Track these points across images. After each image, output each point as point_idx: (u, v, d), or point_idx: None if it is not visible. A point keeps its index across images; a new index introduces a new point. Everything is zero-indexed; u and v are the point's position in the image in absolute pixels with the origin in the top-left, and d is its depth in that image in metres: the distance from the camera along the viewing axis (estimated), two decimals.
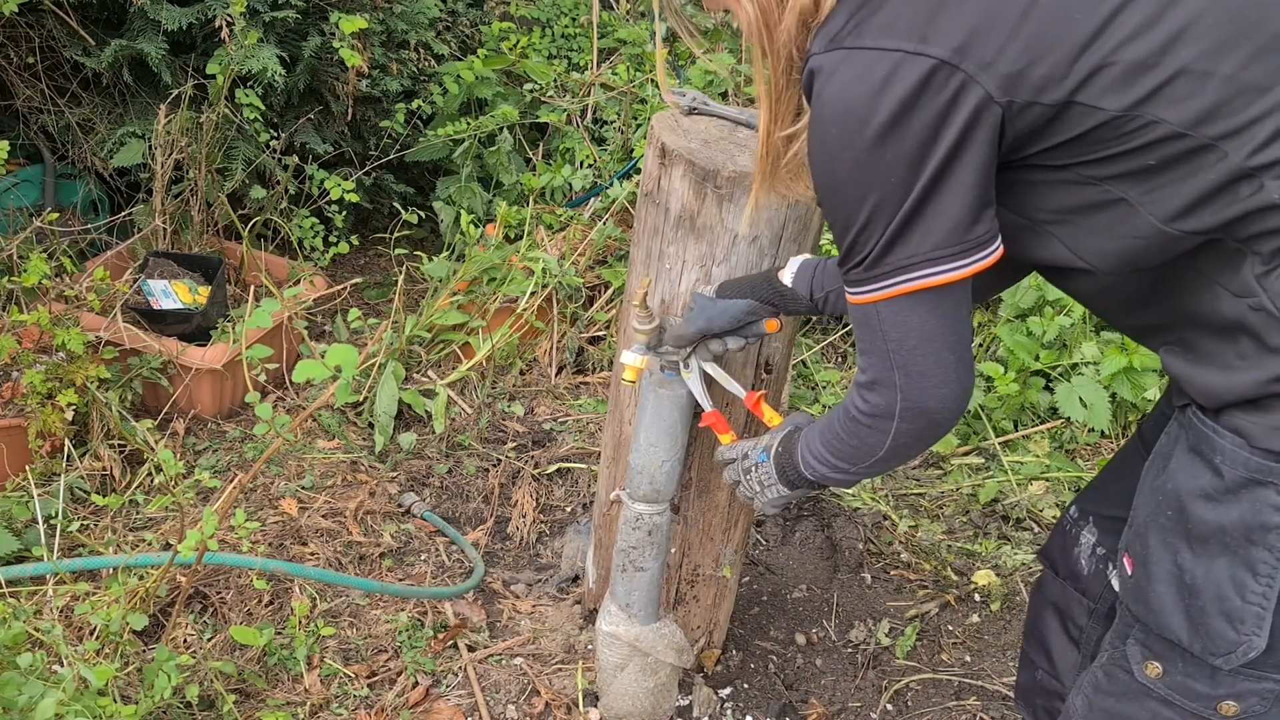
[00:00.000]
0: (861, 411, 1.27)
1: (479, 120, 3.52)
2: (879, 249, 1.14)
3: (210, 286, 2.94)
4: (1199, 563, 1.15)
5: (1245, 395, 1.11)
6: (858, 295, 1.19)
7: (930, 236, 1.12)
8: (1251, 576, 1.12)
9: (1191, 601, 1.17)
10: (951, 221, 1.11)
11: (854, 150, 1.11)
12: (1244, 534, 1.11)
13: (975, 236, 1.13)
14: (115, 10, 3.08)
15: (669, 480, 1.77)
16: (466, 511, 2.65)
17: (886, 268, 1.15)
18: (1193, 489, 1.16)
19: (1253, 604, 1.12)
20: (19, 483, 2.40)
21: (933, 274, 1.13)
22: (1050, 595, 1.72)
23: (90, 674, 1.62)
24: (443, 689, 2.12)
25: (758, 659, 2.28)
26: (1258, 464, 1.09)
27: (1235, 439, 1.11)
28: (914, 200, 1.11)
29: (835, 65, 1.11)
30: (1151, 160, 1.08)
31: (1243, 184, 1.06)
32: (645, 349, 1.67)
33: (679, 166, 1.65)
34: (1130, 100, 1.05)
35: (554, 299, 3.10)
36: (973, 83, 1.06)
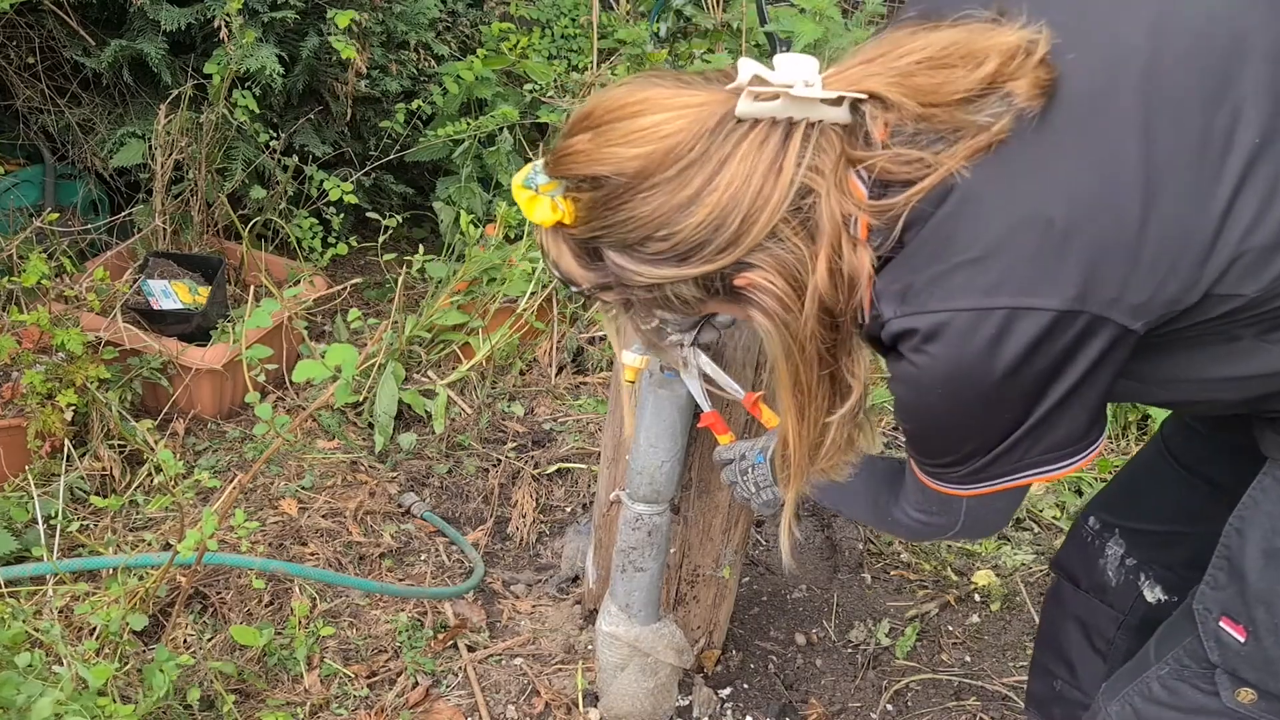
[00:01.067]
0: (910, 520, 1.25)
1: (479, 120, 3.52)
2: (981, 465, 1.09)
3: (210, 287, 2.94)
4: None
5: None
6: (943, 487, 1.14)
7: (1040, 446, 1.06)
8: None
9: None
10: (1068, 433, 1.06)
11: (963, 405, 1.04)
12: None
13: (1089, 440, 1.09)
14: (115, 10, 3.08)
15: (669, 481, 1.77)
16: (466, 512, 2.65)
17: (985, 476, 1.10)
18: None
19: None
20: (18, 483, 2.39)
21: (1036, 474, 1.09)
22: (1072, 609, 1.68)
23: (89, 674, 1.62)
24: (443, 689, 2.12)
25: (758, 659, 2.28)
26: None
27: None
28: (1031, 424, 1.04)
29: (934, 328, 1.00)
30: None
31: None
32: (645, 349, 1.67)
33: None
34: (1267, 280, 0.99)
35: (554, 299, 3.10)
36: (1102, 320, 0.98)
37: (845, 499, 1.37)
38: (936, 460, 1.13)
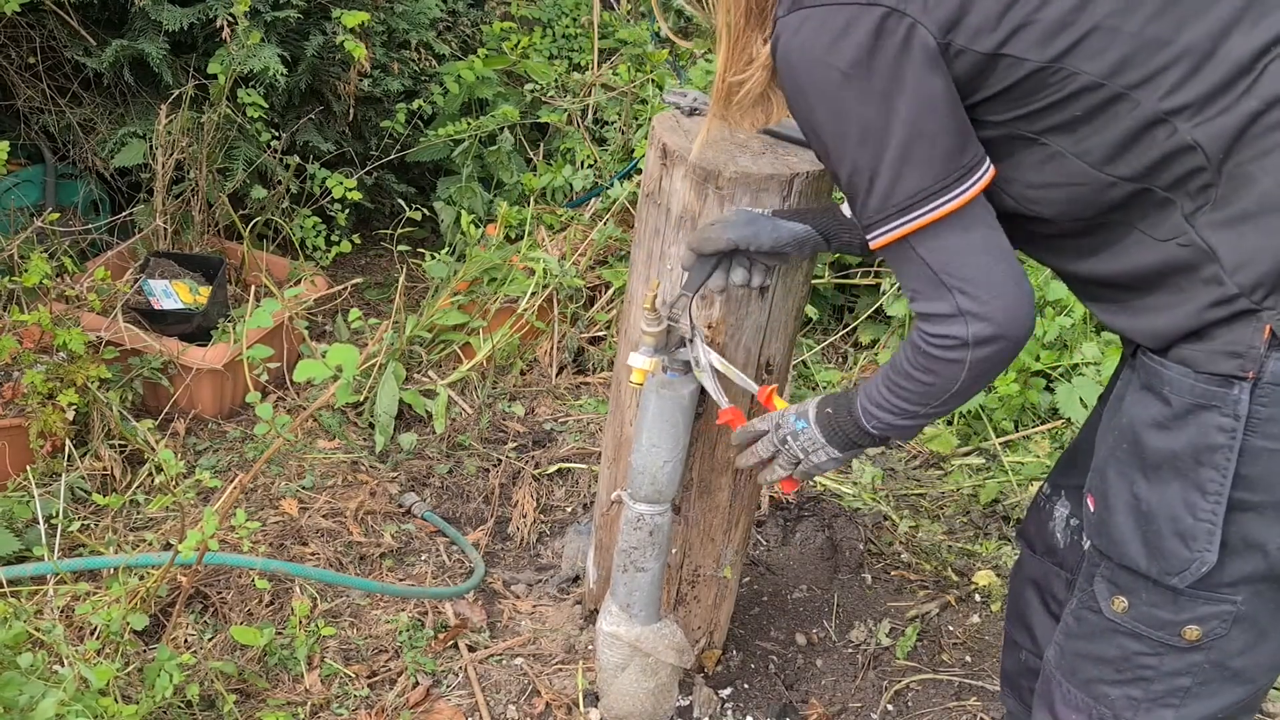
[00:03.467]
0: (932, 345, 1.28)
1: (480, 120, 3.52)
2: (884, 190, 1.23)
3: (211, 286, 2.94)
4: (1153, 490, 1.23)
5: (1187, 328, 1.20)
6: (882, 237, 1.26)
7: (928, 169, 1.21)
8: (1201, 496, 1.19)
9: (1148, 527, 1.24)
10: (942, 152, 1.21)
11: (827, 94, 1.22)
12: (1193, 456, 1.19)
13: (967, 161, 1.22)
14: (116, 10, 3.08)
15: (670, 481, 1.78)
16: (467, 512, 2.65)
17: (897, 207, 1.23)
18: (1145, 419, 1.24)
19: (1203, 521, 1.20)
20: (20, 482, 2.40)
21: (944, 203, 1.22)
22: (1029, 573, 1.75)
23: (91, 674, 1.62)
24: (443, 689, 2.12)
25: (758, 659, 2.28)
26: (1202, 389, 1.18)
27: (1181, 369, 1.20)
28: (900, 141, 1.20)
29: (799, 23, 1.22)
30: (1077, 111, 1.18)
31: (1158, 128, 1.16)
32: (653, 351, 1.67)
33: (680, 167, 1.65)
34: (1052, 53, 1.16)
35: (554, 299, 3.10)
36: (917, 25, 1.17)
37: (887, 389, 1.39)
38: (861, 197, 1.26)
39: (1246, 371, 1.15)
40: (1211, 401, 1.17)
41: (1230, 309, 1.17)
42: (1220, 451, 1.17)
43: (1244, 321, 1.16)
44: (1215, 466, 1.18)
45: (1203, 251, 1.18)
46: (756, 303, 1.72)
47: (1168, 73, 1.15)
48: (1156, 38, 1.15)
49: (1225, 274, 1.16)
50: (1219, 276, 1.17)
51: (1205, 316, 1.18)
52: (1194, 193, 1.18)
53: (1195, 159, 1.16)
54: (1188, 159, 1.16)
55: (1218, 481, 1.18)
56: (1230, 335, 1.17)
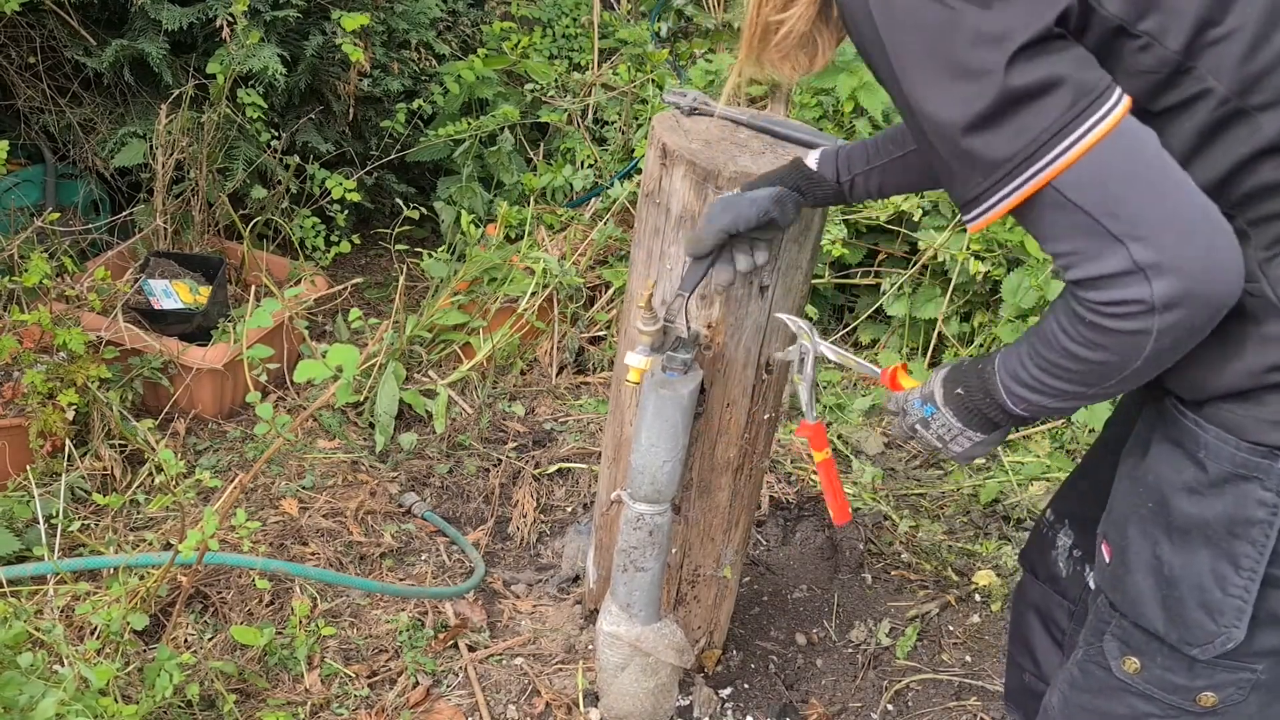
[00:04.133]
0: (1103, 314, 1.01)
1: (480, 120, 3.52)
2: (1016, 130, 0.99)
3: (211, 286, 2.94)
4: (1179, 554, 1.15)
5: (1236, 387, 1.09)
6: (1020, 190, 1.02)
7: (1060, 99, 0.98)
8: (1234, 570, 1.11)
9: (1169, 592, 1.16)
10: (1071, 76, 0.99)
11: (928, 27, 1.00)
12: (1227, 528, 1.11)
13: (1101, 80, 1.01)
14: (116, 10, 3.08)
15: (670, 480, 1.77)
16: (467, 511, 2.65)
17: (1036, 144, 0.99)
18: (1174, 482, 1.14)
19: (1234, 596, 1.12)
20: (20, 482, 2.40)
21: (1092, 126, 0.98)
22: (1031, 598, 1.72)
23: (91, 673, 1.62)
24: (443, 689, 2.12)
25: (758, 659, 2.28)
26: (1244, 459, 1.08)
27: (1220, 433, 1.09)
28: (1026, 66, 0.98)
29: None
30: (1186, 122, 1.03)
31: (1267, 159, 1.02)
32: (650, 350, 1.67)
33: (680, 167, 1.65)
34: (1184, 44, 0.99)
35: (555, 299, 3.10)
36: None
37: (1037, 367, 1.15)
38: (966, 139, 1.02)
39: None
40: (1254, 473, 1.07)
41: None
42: (1259, 526, 1.08)
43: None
44: (1252, 541, 1.09)
45: (1271, 304, 1.05)
46: (756, 302, 1.72)
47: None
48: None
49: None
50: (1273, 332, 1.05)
51: (1263, 379, 1.07)
52: (1271, 241, 1.05)
53: None
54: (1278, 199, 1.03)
55: (1253, 558, 1.09)
56: None
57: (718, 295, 1.71)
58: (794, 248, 1.69)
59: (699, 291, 1.70)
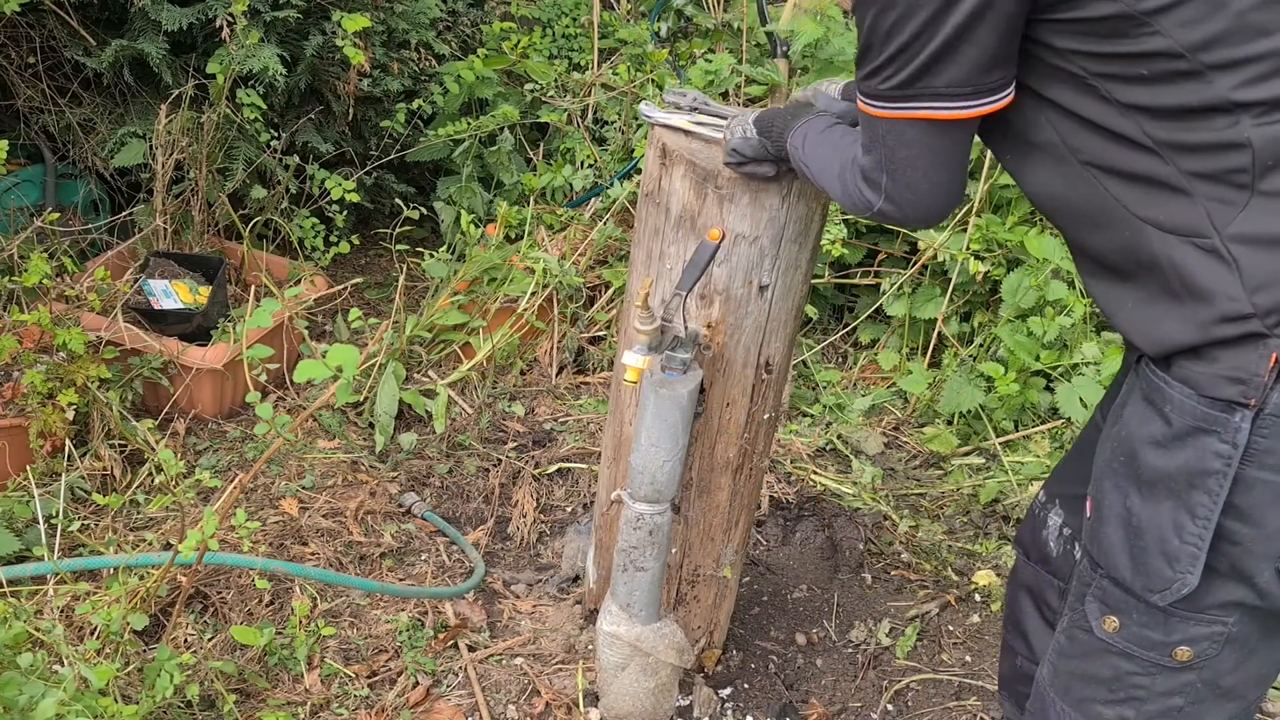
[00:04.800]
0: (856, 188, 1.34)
1: (479, 120, 3.52)
2: (904, 77, 1.19)
3: (211, 286, 2.94)
4: (1146, 506, 1.21)
5: (1188, 341, 1.16)
6: (871, 107, 1.26)
7: (948, 73, 1.17)
8: (1190, 519, 1.17)
9: (1136, 542, 1.23)
10: (971, 64, 1.16)
11: None
12: (1186, 479, 1.16)
13: (989, 82, 1.18)
14: (116, 10, 3.08)
15: (670, 480, 1.77)
16: (467, 511, 2.65)
17: (902, 90, 1.20)
18: (1143, 436, 1.21)
19: (1189, 544, 1.18)
20: (20, 482, 2.40)
21: (941, 108, 1.20)
22: (1023, 579, 1.75)
23: (91, 674, 1.62)
24: (443, 689, 2.12)
25: (758, 659, 2.28)
26: (1203, 413, 1.14)
27: (1184, 389, 1.16)
28: (945, 37, 1.14)
29: None
30: (1143, 70, 1.11)
31: (1219, 116, 1.10)
32: (647, 350, 1.67)
33: (680, 167, 1.65)
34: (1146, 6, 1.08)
35: (554, 299, 3.10)
36: None
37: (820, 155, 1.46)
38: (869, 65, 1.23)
39: (1249, 399, 1.11)
40: (1212, 426, 1.14)
41: (1239, 329, 1.12)
42: (1214, 477, 1.14)
43: (1250, 345, 1.12)
44: (1207, 491, 1.15)
45: (1224, 260, 1.12)
46: (756, 302, 1.72)
47: (1255, 64, 1.08)
48: (1257, 24, 1.07)
49: (1244, 290, 1.11)
50: (1233, 291, 1.11)
51: (1211, 332, 1.14)
52: (1222, 191, 1.12)
53: (1241, 158, 1.10)
54: (1233, 156, 1.10)
55: (1207, 507, 1.15)
56: (1235, 359, 1.12)
57: (717, 295, 1.71)
58: (794, 248, 1.69)
59: (698, 291, 1.70)
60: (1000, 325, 3.01)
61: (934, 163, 1.25)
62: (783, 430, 2.95)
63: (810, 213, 1.68)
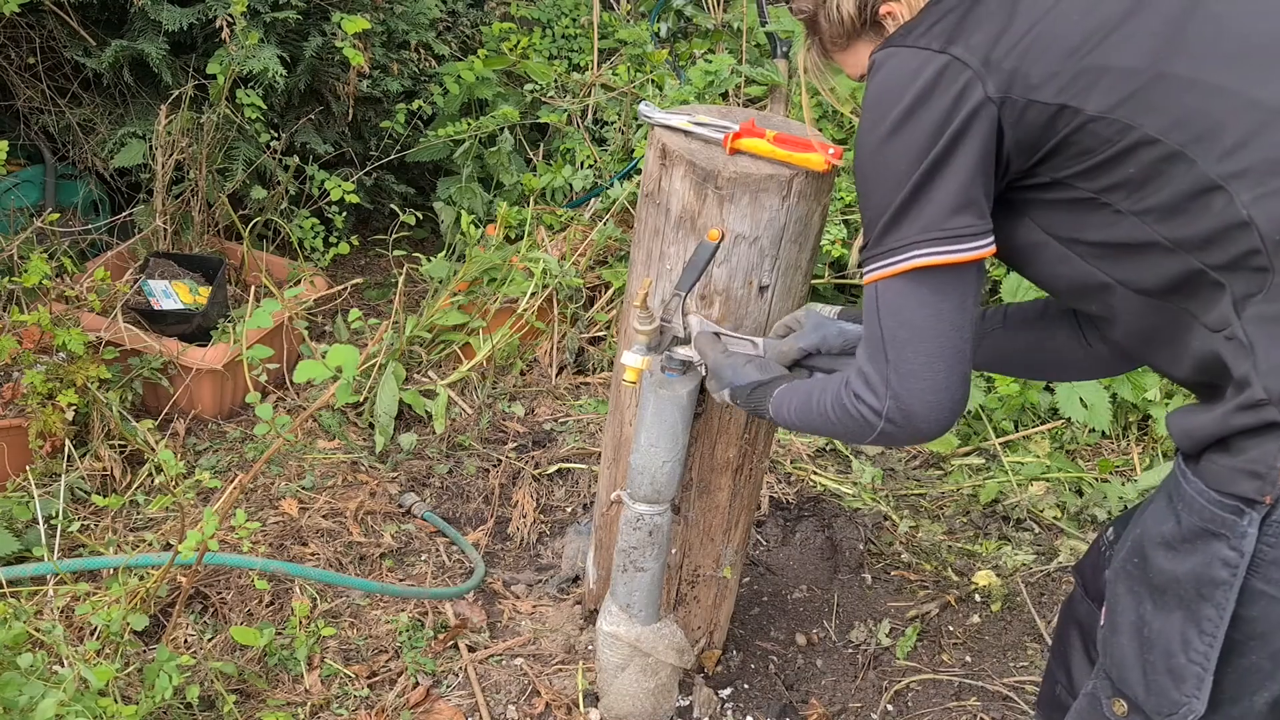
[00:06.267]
0: (854, 405, 1.31)
1: (479, 121, 3.52)
2: (880, 229, 1.25)
3: (211, 287, 2.94)
4: (1159, 615, 1.15)
5: (1214, 433, 1.10)
6: (866, 274, 1.29)
7: (919, 221, 1.21)
8: (1197, 634, 1.10)
9: (1147, 656, 1.17)
10: (938, 208, 1.21)
11: (877, 134, 1.23)
12: (1195, 587, 1.10)
13: (956, 226, 1.20)
14: (116, 11, 3.08)
15: (670, 481, 1.77)
16: (467, 512, 2.65)
17: (884, 248, 1.24)
18: (1155, 536, 1.16)
19: (1195, 663, 1.11)
20: (19, 483, 2.40)
21: (918, 255, 1.21)
22: (1077, 614, 1.70)
23: (91, 674, 1.62)
24: (443, 689, 2.12)
25: (758, 659, 2.28)
26: (1212, 513, 1.08)
27: (1199, 484, 1.10)
28: (912, 186, 1.21)
29: (885, 59, 1.26)
30: (1132, 169, 1.13)
31: (1214, 196, 1.09)
32: (646, 350, 1.67)
33: (680, 167, 1.65)
34: (1109, 103, 1.13)
35: (554, 299, 3.10)
36: (976, 80, 1.18)
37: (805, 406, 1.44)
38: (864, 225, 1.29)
39: (1264, 495, 1.04)
40: (1220, 529, 1.07)
41: (1256, 417, 1.06)
42: (1221, 588, 1.08)
43: (1270, 436, 1.05)
44: (1215, 603, 1.08)
45: (1242, 346, 1.09)
46: (756, 302, 1.72)
47: (1227, 131, 1.07)
48: (1221, 88, 1.08)
49: (1256, 375, 1.06)
50: (1249, 377, 1.07)
51: (1230, 422, 1.08)
52: (1247, 278, 1.09)
53: (1250, 238, 1.07)
54: (1242, 238, 1.07)
55: (1214, 620, 1.08)
56: (1255, 450, 1.06)
57: (716, 295, 1.71)
58: (794, 248, 1.69)
59: (698, 291, 1.70)
60: None
61: (933, 347, 1.23)
62: (782, 431, 2.95)
63: (810, 213, 1.67)
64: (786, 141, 1.63)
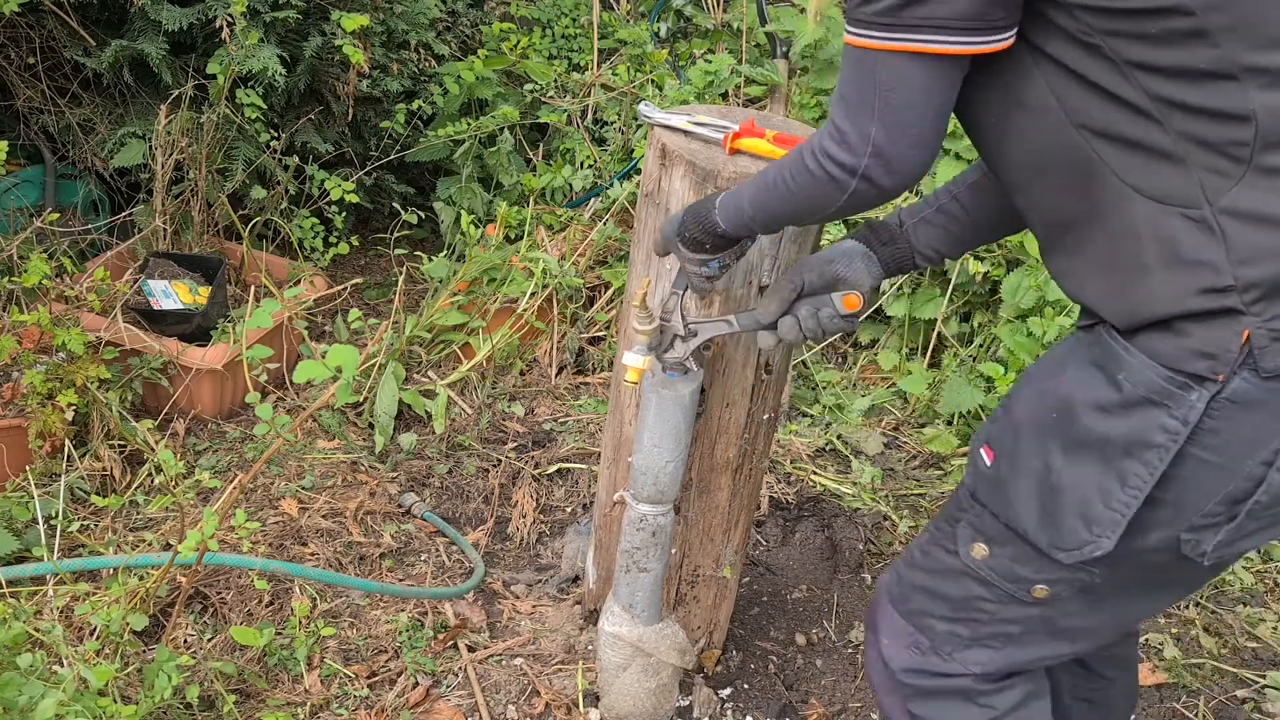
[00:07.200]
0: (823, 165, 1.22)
1: (479, 121, 3.52)
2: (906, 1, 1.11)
3: (210, 287, 2.94)
4: (1069, 466, 1.21)
5: (1162, 312, 1.14)
6: (863, 38, 1.15)
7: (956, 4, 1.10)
8: (1120, 487, 1.17)
9: (1050, 499, 1.23)
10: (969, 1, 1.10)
11: None
12: (1125, 447, 1.16)
13: (994, 18, 1.12)
14: (116, 10, 3.08)
15: (673, 481, 1.77)
16: (467, 512, 2.65)
17: (904, 20, 1.11)
18: (1087, 399, 1.20)
19: (1114, 510, 1.19)
20: (19, 483, 2.40)
21: (946, 42, 1.12)
22: None
23: (90, 674, 1.62)
24: (443, 689, 2.12)
25: (758, 659, 2.28)
26: (1160, 385, 1.14)
27: (1147, 360, 1.15)
28: None
29: None
30: (1152, 29, 1.07)
31: (1225, 82, 1.07)
32: (647, 350, 1.67)
33: (679, 167, 1.65)
34: None
35: (554, 299, 3.10)
36: None
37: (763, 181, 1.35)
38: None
39: (1217, 374, 1.10)
40: (1164, 400, 1.13)
41: (1217, 302, 1.11)
42: (1155, 450, 1.15)
43: (1224, 321, 1.11)
44: (1144, 463, 1.15)
45: (1212, 232, 1.10)
46: (756, 302, 1.72)
47: (1266, 28, 1.05)
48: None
49: (1229, 263, 1.09)
50: (1217, 264, 1.10)
51: (1186, 304, 1.12)
52: (1217, 166, 1.09)
53: (1244, 131, 1.07)
54: (1236, 128, 1.07)
55: (1142, 478, 1.16)
56: (1207, 334, 1.11)
57: (716, 295, 1.71)
58: (793, 248, 1.69)
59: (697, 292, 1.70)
60: (1000, 325, 3.01)
61: (930, 109, 1.17)
62: (783, 430, 2.95)
63: None
64: (786, 141, 1.64)
